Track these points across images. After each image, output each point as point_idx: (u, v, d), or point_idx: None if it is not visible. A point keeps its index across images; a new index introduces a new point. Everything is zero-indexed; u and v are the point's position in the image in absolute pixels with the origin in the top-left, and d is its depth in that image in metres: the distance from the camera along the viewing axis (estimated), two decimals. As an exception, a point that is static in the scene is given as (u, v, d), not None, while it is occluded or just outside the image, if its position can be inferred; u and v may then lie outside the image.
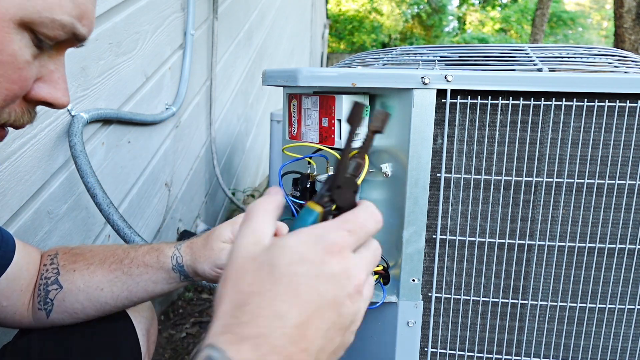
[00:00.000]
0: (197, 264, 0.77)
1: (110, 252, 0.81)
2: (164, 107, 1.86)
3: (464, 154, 0.86)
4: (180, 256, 0.78)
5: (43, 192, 1.14)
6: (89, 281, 0.78)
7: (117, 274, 0.78)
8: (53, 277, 0.78)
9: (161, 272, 0.78)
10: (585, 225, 0.87)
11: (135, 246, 0.82)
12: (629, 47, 4.47)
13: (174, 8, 1.88)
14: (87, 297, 0.78)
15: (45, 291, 0.78)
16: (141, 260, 0.79)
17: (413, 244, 0.88)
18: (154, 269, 0.78)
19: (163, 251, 0.79)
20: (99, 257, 0.80)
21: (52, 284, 0.78)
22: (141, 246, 0.82)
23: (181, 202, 2.17)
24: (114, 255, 0.80)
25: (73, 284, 0.78)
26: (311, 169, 0.96)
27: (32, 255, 0.80)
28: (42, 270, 0.80)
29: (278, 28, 4.66)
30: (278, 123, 2.47)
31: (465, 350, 0.93)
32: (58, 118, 1.17)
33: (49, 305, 0.78)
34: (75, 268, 0.79)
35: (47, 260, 0.81)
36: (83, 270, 0.78)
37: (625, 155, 0.84)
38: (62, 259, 0.80)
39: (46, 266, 0.80)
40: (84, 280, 0.78)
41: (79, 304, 0.78)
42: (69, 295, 0.78)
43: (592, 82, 0.82)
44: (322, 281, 0.41)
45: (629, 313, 0.89)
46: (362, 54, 1.25)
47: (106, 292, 0.78)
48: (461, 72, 0.84)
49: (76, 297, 0.78)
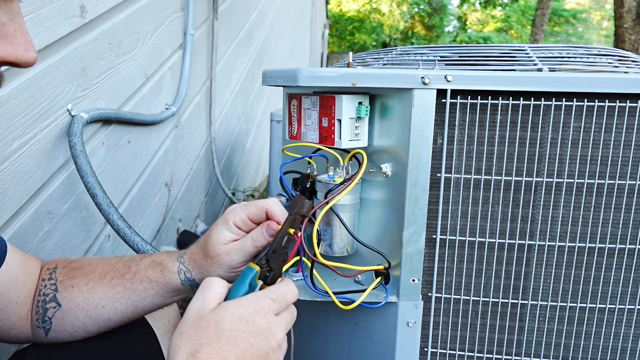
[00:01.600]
0: (211, 273, 0.73)
1: (110, 265, 0.77)
2: (164, 107, 1.86)
3: (464, 154, 0.86)
4: (187, 270, 0.75)
5: (43, 192, 1.14)
6: (88, 298, 0.74)
7: (119, 289, 0.74)
8: (51, 294, 0.75)
9: (168, 287, 0.75)
10: (585, 225, 0.87)
11: (135, 259, 0.78)
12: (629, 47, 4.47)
13: (174, 8, 1.88)
14: (88, 315, 0.74)
15: (44, 309, 0.74)
16: (144, 275, 0.75)
17: (413, 244, 0.88)
18: (159, 284, 0.75)
19: (166, 266, 0.75)
20: (98, 271, 0.76)
21: (50, 301, 0.74)
22: (142, 258, 0.77)
23: (181, 202, 2.17)
24: (115, 270, 0.76)
25: (72, 301, 0.74)
26: (311, 169, 0.96)
27: (29, 266, 0.77)
28: (40, 286, 0.76)
29: (278, 28, 4.66)
30: (278, 123, 2.47)
31: (465, 350, 0.93)
32: (58, 118, 1.17)
33: (47, 324, 0.74)
34: (74, 284, 0.75)
35: (45, 275, 0.77)
36: (82, 286, 0.75)
37: (625, 155, 0.84)
38: (60, 274, 0.76)
39: (44, 281, 0.76)
40: (82, 297, 0.74)
41: (79, 322, 0.74)
42: (68, 313, 0.74)
43: (592, 82, 0.82)
44: (253, 335, 0.56)
45: (629, 313, 0.89)
46: (362, 53, 1.25)
47: (108, 309, 0.74)
48: (461, 72, 0.84)
49: (75, 315, 0.74)
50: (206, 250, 0.74)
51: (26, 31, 0.49)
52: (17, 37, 0.47)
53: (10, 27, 0.47)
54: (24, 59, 0.48)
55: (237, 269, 0.73)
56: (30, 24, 1.03)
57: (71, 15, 1.19)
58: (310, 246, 0.84)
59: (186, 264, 0.75)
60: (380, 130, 0.91)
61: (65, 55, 1.17)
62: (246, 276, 0.63)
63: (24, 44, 0.48)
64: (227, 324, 0.55)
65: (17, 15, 0.48)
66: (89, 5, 1.26)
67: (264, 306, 0.58)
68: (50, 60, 1.12)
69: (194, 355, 0.52)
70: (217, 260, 0.73)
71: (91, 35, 1.29)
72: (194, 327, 0.56)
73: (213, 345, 0.53)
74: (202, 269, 0.74)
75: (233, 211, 0.75)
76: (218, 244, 0.73)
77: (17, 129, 1.03)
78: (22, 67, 0.49)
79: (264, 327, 0.57)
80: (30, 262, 0.77)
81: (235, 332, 0.55)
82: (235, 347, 0.54)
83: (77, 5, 1.21)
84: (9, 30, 0.46)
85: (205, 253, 0.74)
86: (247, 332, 0.56)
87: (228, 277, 0.74)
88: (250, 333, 0.56)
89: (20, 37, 0.47)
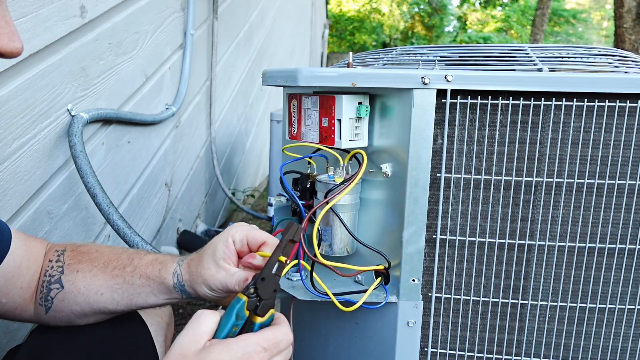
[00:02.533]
0: (196, 285, 0.73)
1: (115, 255, 0.78)
2: (164, 107, 1.86)
3: (464, 154, 0.86)
4: (180, 274, 0.75)
5: (43, 192, 1.14)
6: (90, 284, 0.76)
7: (118, 280, 0.76)
8: (57, 276, 0.77)
9: (162, 287, 0.75)
10: (585, 225, 0.87)
11: (140, 253, 0.79)
12: (629, 47, 4.47)
13: (174, 8, 1.88)
14: (86, 300, 0.76)
15: (48, 289, 0.77)
16: (143, 271, 0.76)
17: (413, 244, 0.88)
18: (155, 282, 0.75)
19: (166, 265, 0.76)
20: (103, 259, 0.78)
21: (54, 282, 0.77)
22: (147, 254, 0.78)
23: (181, 202, 2.17)
24: (118, 260, 0.77)
25: (74, 285, 0.76)
26: (311, 169, 0.96)
27: (34, 250, 0.78)
28: (47, 267, 0.78)
29: (278, 28, 4.66)
30: (278, 123, 2.47)
31: (465, 350, 0.93)
32: (58, 118, 1.17)
33: (49, 303, 0.77)
34: (79, 269, 0.77)
35: (53, 257, 0.79)
36: (86, 272, 0.77)
37: (625, 155, 0.84)
38: (68, 257, 0.79)
39: (52, 262, 0.78)
40: (85, 282, 0.76)
41: (77, 305, 0.76)
42: (69, 296, 0.76)
43: (592, 82, 0.82)
44: None
45: (629, 313, 0.89)
46: (362, 53, 1.25)
47: (106, 297, 0.76)
48: (461, 72, 0.84)
49: (75, 299, 0.76)
50: (200, 259, 0.73)
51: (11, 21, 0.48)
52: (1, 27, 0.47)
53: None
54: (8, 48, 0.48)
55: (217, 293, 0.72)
56: (30, 24, 1.03)
57: (71, 15, 1.19)
58: (310, 246, 0.84)
59: (182, 268, 0.75)
60: (380, 130, 0.91)
61: (65, 55, 1.17)
62: (233, 307, 0.60)
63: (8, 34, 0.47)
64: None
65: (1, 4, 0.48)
66: (89, 5, 1.26)
67: (252, 356, 0.55)
68: (50, 60, 1.12)
69: None
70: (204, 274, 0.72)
71: (91, 35, 1.29)
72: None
73: None
74: (192, 277, 0.73)
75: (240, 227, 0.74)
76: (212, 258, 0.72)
77: (17, 129, 1.03)
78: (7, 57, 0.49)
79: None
80: (34, 246, 0.79)
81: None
82: None
83: (77, 5, 1.21)
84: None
85: (199, 262, 0.73)
86: None
87: (209, 295, 0.73)
88: None
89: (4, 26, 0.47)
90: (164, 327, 0.87)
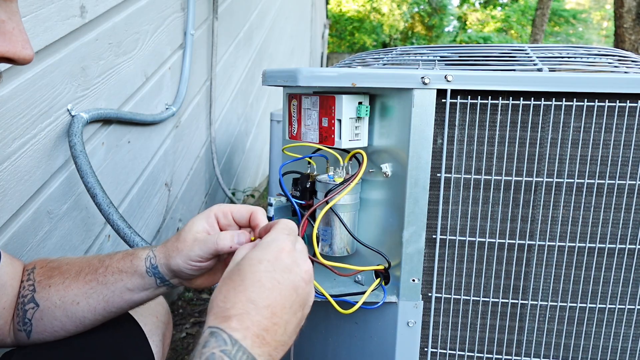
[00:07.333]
0: (171, 259, 0.71)
1: (85, 263, 0.75)
2: (164, 107, 1.86)
3: (464, 154, 0.86)
4: (153, 257, 0.73)
5: (43, 192, 1.14)
6: (64, 296, 0.72)
7: (92, 284, 0.73)
8: (29, 295, 0.73)
9: (135, 276, 0.72)
10: (585, 225, 0.87)
11: (111, 254, 0.76)
12: (629, 47, 4.47)
13: (174, 8, 1.88)
14: (65, 313, 0.73)
15: (23, 311, 0.73)
16: (115, 267, 0.73)
17: (413, 244, 0.88)
18: (128, 274, 0.72)
19: (137, 254, 0.73)
20: (75, 269, 0.74)
21: (28, 302, 0.73)
22: (118, 253, 0.76)
23: (181, 202, 2.17)
24: (89, 266, 0.74)
25: (49, 300, 0.73)
26: (311, 169, 0.96)
27: (17, 270, 0.75)
28: (20, 288, 0.74)
29: (278, 28, 4.66)
30: (278, 123, 2.47)
31: (465, 350, 0.93)
32: (58, 118, 1.17)
33: (27, 326, 0.73)
34: (51, 283, 0.73)
35: (24, 277, 0.75)
36: (59, 285, 0.73)
37: (625, 155, 0.84)
38: (38, 274, 0.75)
39: (23, 283, 0.75)
40: (59, 295, 0.72)
41: (57, 321, 0.73)
42: (47, 313, 0.73)
43: (592, 82, 0.82)
44: (278, 272, 0.58)
45: (629, 313, 0.89)
46: (362, 53, 1.25)
47: (83, 306, 0.72)
48: (461, 72, 0.84)
49: (53, 314, 0.73)
50: (179, 235, 0.72)
51: (24, 30, 0.51)
52: (15, 35, 0.50)
53: (9, 24, 0.49)
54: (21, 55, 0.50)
55: (195, 264, 0.70)
56: (30, 24, 1.03)
57: (71, 15, 1.19)
58: (310, 246, 0.84)
59: (155, 250, 0.74)
60: (380, 130, 0.91)
61: (65, 55, 1.17)
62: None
63: (21, 42, 0.50)
64: (247, 267, 0.58)
65: (16, 14, 0.50)
66: (89, 5, 1.26)
67: (283, 245, 0.60)
68: (50, 60, 1.12)
69: (224, 301, 0.56)
70: (182, 247, 0.71)
71: (91, 35, 1.29)
72: (223, 283, 0.59)
73: (238, 288, 0.57)
74: (167, 254, 0.72)
75: (219, 204, 0.75)
76: (190, 231, 0.71)
77: (17, 129, 1.02)
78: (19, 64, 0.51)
79: (287, 263, 0.59)
80: (16, 265, 0.76)
81: (259, 273, 0.57)
82: (261, 286, 0.56)
83: (77, 5, 1.21)
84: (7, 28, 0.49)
85: (177, 237, 0.72)
86: (270, 270, 0.58)
87: (186, 270, 0.71)
88: (275, 271, 0.58)
89: (18, 34, 0.50)
90: (160, 326, 0.86)
